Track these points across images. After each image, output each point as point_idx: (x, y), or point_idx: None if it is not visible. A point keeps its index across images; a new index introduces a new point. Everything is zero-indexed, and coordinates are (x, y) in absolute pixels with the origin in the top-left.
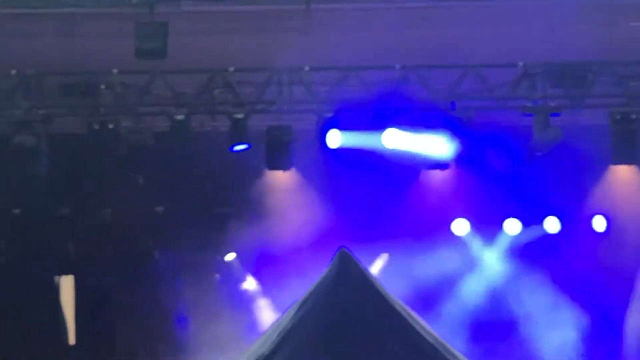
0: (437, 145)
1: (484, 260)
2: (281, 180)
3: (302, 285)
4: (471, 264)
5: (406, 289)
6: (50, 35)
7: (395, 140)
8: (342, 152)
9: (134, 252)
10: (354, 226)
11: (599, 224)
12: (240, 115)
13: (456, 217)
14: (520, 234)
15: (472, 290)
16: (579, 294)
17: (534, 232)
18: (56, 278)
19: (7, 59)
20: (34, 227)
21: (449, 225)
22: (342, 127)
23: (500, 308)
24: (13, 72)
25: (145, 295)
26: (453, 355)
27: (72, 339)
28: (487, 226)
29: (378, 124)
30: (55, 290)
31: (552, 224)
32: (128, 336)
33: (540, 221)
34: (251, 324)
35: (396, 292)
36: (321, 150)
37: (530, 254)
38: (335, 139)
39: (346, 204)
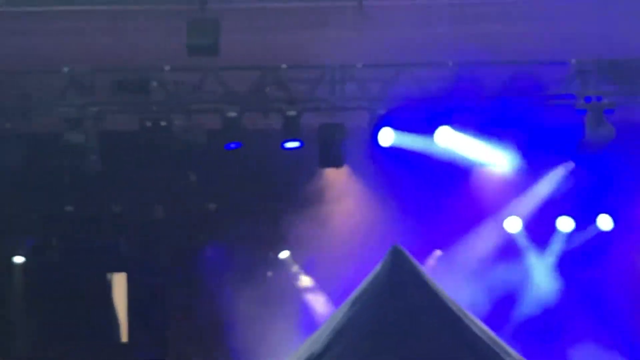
0: (493, 156)
1: (536, 256)
2: (334, 178)
3: (355, 282)
4: (523, 262)
5: (459, 286)
6: (102, 33)
7: (449, 139)
8: (395, 150)
9: (186, 249)
10: (407, 223)
11: None
12: (292, 113)
13: (508, 215)
14: (573, 231)
15: (525, 287)
16: (633, 291)
17: (587, 230)
18: (108, 275)
19: (59, 56)
20: (86, 224)
21: (501, 223)
22: (395, 125)
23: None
24: (65, 69)
25: (197, 293)
26: (508, 354)
27: (124, 337)
28: (540, 224)
29: (431, 122)
30: (107, 288)
31: (605, 222)
32: (180, 333)
33: (593, 219)
34: (304, 321)
35: (449, 289)
36: (374, 147)
37: (583, 251)
38: (387, 136)
39: (399, 201)
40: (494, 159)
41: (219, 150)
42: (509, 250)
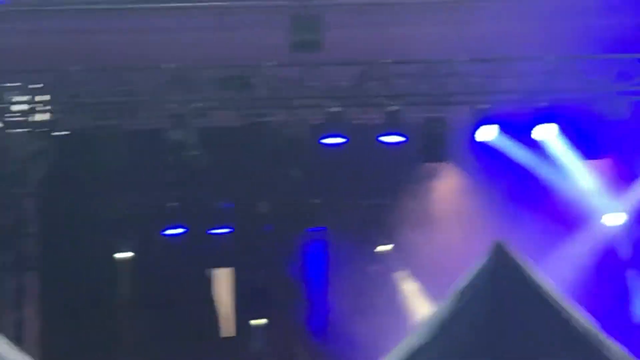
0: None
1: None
2: (437, 172)
3: (457, 277)
4: (624, 255)
5: (561, 279)
6: (205, 29)
7: (549, 135)
8: (496, 145)
9: (290, 243)
10: (509, 218)
11: None
12: (394, 108)
13: (608, 210)
14: None
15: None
16: None
17: None
18: (208, 271)
19: (162, 53)
20: (191, 220)
21: (599, 217)
22: (496, 120)
23: None
24: (168, 65)
25: (301, 287)
26: (609, 349)
27: (230, 332)
28: None
29: (532, 117)
30: (210, 283)
31: None
32: (284, 328)
33: None
34: (408, 315)
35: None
36: (475, 142)
37: None
38: (488, 132)
39: (501, 195)
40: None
41: (322, 145)
42: (609, 244)
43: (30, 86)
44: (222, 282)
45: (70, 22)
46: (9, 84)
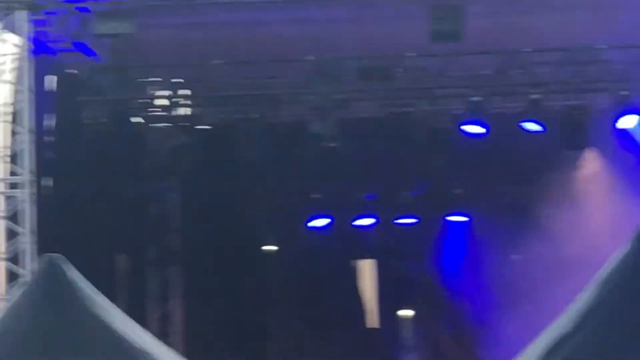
0: None
1: None
2: (578, 160)
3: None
4: None
5: None
6: (345, 21)
7: None
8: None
9: (433, 234)
10: None
11: None
12: (536, 96)
13: None
14: None
15: None
16: None
17: None
18: (353, 262)
19: (303, 45)
20: (335, 211)
21: None
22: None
23: None
24: (310, 57)
25: (443, 277)
26: None
27: (375, 323)
28: None
29: None
30: (355, 274)
31: None
32: (430, 319)
33: None
34: (553, 303)
35: None
36: (617, 129)
37: None
38: (631, 120)
39: None
40: None
41: (464, 134)
42: None
43: (173, 80)
44: (366, 274)
45: (211, 16)
46: (151, 79)
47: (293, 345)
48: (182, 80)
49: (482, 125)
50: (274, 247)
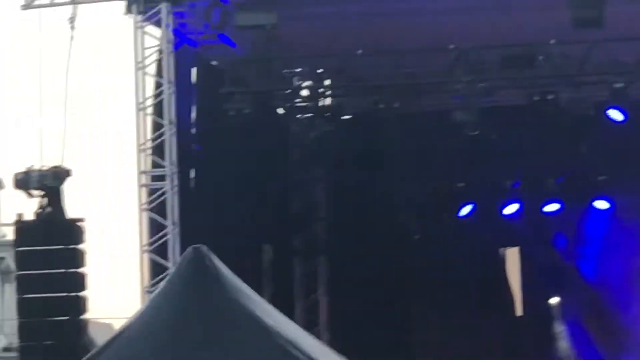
0: None
1: None
2: None
3: None
4: None
5: None
6: (487, 9)
7: None
8: None
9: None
10: None
11: None
12: None
13: None
14: None
15: None
16: None
17: None
18: (501, 250)
19: (446, 34)
20: (480, 200)
21: None
22: None
23: None
24: (452, 46)
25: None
26: None
27: (519, 311)
28: None
29: None
30: (503, 262)
31: None
32: (575, 306)
33: None
34: None
35: None
36: None
37: None
38: None
39: None
40: None
41: (608, 120)
42: None
43: (318, 71)
44: (510, 261)
45: (353, 6)
46: (296, 69)
47: (439, 335)
48: (324, 71)
49: (622, 112)
50: (419, 237)
